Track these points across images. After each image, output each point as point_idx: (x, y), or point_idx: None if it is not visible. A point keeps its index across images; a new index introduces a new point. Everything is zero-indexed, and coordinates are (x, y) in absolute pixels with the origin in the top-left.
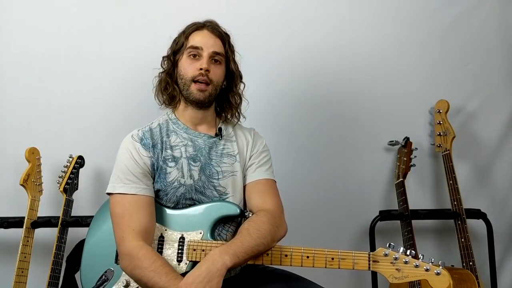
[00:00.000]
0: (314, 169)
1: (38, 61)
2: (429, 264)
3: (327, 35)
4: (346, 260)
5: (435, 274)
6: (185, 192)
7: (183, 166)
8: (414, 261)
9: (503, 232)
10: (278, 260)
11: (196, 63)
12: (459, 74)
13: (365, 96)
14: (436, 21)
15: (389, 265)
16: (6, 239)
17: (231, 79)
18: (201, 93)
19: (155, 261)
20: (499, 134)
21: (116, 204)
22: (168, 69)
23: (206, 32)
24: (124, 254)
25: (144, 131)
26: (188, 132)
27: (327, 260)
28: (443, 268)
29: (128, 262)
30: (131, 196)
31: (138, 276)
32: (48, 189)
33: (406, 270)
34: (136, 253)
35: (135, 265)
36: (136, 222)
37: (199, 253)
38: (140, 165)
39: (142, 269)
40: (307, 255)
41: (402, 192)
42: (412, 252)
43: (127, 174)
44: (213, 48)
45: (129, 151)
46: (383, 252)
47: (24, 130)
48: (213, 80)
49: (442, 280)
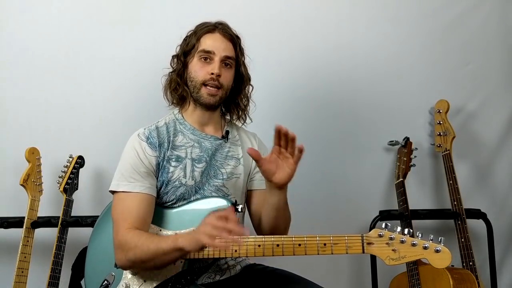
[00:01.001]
0: (314, 169)
1: (38, 61)
2: (428, 242)
3: (327, 35)
4: (339, 245)
5: (435, 251)
6: (184, 192)
7: (186, 167)
8: (411, 239)
9: (503, 232)
10: (270, 250)
11: (208, 67)
12: (459, 74)
13: (365, 96)
14: (436, 21)
15: (384, 246)
16: (6, 239)
17: (240, 82)
18: (212, 98)
19: (141, 234)
20: (499, 134)
21: (119, 201)
22: (178, 70)
23: (218, 36)
24: (117, 248)
25: (151, 129)
26: (195, 133)
27: (319, 247)
28: (443, 245)
29: (120, 253)
30: (134, 194)
31: (133, 258)
32: (48, 189)
33: (403, 250)
34: (124, 239)
35: (126, 250)
36: (134, 217)
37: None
38: (145, 164)
39: (133, 249)
40: (298, 243)
41: (402, 192)
42: (409, 230)
43: (132, 172)
44: (225, 53)
45: (135, 150)
46: (377, 233)
47: (24, 130)
48: (223, 85)
49: (442, 257)
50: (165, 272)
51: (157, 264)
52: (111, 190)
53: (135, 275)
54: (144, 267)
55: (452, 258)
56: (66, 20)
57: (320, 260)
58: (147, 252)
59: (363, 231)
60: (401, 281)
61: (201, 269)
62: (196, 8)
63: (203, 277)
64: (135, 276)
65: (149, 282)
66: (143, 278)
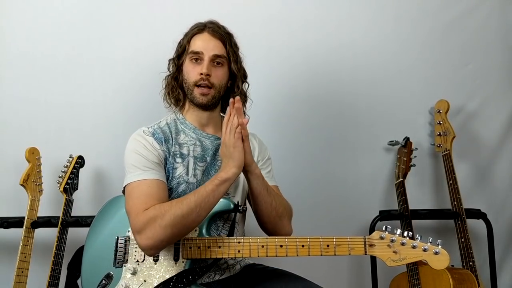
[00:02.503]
0: (314, 169)
1: (38, 61)
2: (427, 244)
3: (327, 35)
4: (342, 246)
5: (434, 253)
6: (186, 189)
7: (189, 164)
8: (412, 242)
9: (503, 232)
10: (274, 251)
11: (198, 68)
12: (459, 74)
13: (365, 96)
14: (436, 21)
15: (386, 248)
16: (6, 239)
17: (235, 79)
18: (204, 97)
19: (167, 202)
20: (499, 134)
21: (133, 189)
22: (174, 73)
23: (206, 35)
24: (142, 228)
25: (154, 128)
26: (196, 132)
27: (323, 248)
28: (441, 248)
29: (150, 228)
30: (150, 180)
31: (172, 218)
32: (48, 189)
33: (403, 252)
34: (151, 213)
35: (160, 217)
36: (154, 199)
37: (195, 250)
38: (156, 155)
39: (167, 211)
40: (302, 244)
41: (402, 192)
42: (409, 233)
43: (144, 162)
44: (213, 52)
45: (142, 143)
46: (379, 235)
47: (24, 130)
48: (214, 84)
49: (441, 259)
50: (166, 272)
51: (201, 213)
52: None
53: (135, 275)
54: (184, 225)
55: (450, 260)
56: (66, 20)
57: (320, 260)
58: (189, 204)
59: (363, 231)
60: (401, 281)
61: (202, 269)
62: (196, 8)
63: (202, 277)
64: (134, 276)
65: (149, 282)
66: (143, 278)
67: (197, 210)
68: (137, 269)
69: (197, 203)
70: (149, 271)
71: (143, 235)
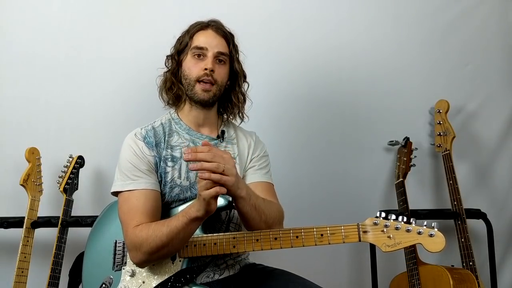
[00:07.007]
0: (314, 169)
1: (38, 61)
2: (422, 227)
3: (327, 34)
4: (336, 235)
5: (429, 236)
6: (179, 192)
7: (181, 167)
8: (406, 225)
9: (503, 232)
10: (268, 244)
11: (201, 63)
12: (459, 74)
13: (365, 96)
14: (436, 21)
15: (380, 234)
16: (6, 239)
17: (234, 79)
18: (206, 93)
19: (149, 225)
20: (499, 134)
21: (124, 202)
22: (173, 69)
23: (210, 32)
24: (130, 249)
25: (147, 129)
26: (190, 133)
27: (317, 237)
28: (437, 230)
29: (134, 251)
30: (139, 191)
31: (148, 249)
32: (48, 189)
33: (398, 237)
34: (135, 236)
35: (139, 245)
36: (141, 214)
37: (191, 248)
38: (145, 162)
39: (145, 240)
40: (296, 235)
41: (402, 192)
42: (404, 217)
43: (134, 170)
44: (217, 48)
45: (132, 149)
46: (372, 221)
47: (24, 130)
48: (217, 80)
49: (436, 241)
50: (164, 272)
51: (175, 246)
52: (114, 192)
53: (133, 277)
54: (162, 255)
55: (446, 242)
56: (66, 20)
57: (320, 260)
58: (161, 237)
59: None
60: (401, 281)
61: (200, 267)
62: (196, 8)
63: (201, 276)
64: (133, 278)
65: (148, 283)
66: (142, 279)
67: (171, 243)
68: (136, 271)
69: (169, 237)
70: (147, 273)
71: (131, 254)
